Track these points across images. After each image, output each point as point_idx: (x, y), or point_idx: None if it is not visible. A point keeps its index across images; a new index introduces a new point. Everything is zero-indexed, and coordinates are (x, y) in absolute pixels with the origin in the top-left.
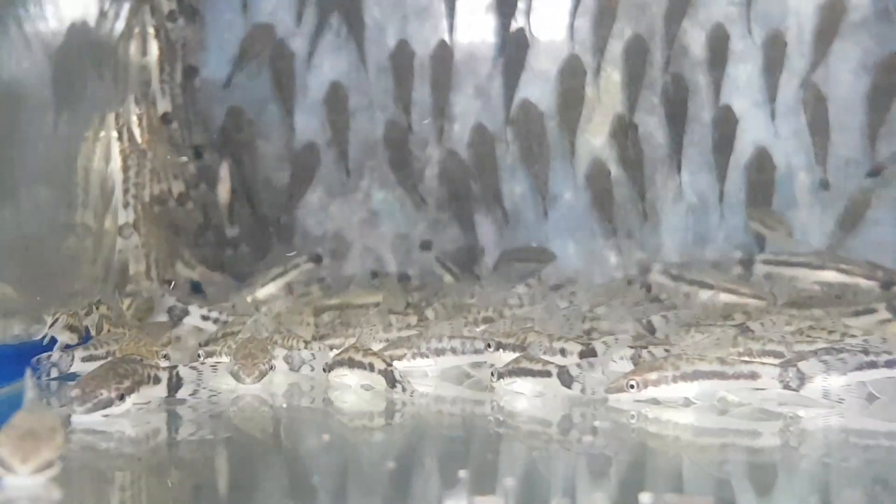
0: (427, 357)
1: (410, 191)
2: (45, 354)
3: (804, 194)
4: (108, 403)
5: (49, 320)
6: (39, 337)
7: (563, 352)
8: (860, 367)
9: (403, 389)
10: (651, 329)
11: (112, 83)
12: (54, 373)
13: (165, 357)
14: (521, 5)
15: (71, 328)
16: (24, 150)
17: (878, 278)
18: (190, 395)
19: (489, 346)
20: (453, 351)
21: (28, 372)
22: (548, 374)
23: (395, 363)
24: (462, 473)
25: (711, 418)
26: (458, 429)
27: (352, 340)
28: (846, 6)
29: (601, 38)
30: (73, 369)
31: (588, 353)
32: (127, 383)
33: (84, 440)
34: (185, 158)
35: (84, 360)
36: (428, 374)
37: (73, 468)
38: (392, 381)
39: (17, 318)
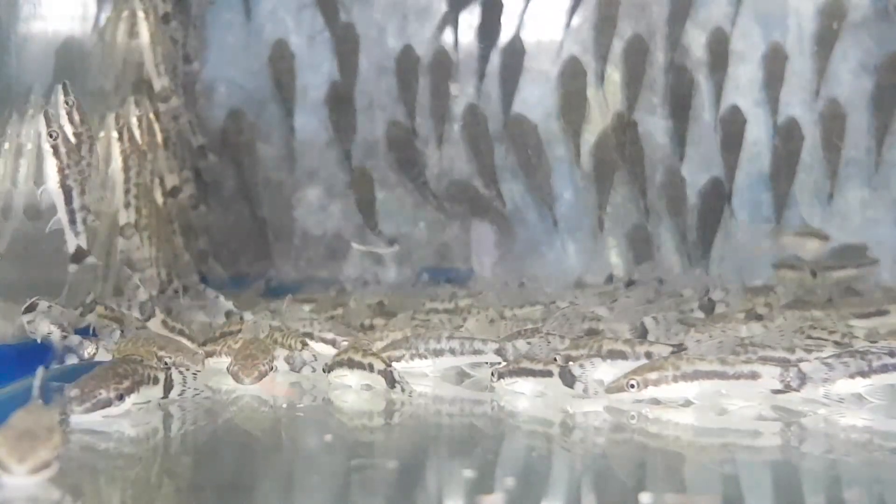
0: (426, 358)
1: (421, 188)
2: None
3: (804, 194)
4: (107, 403)
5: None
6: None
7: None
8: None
9: (403, 390)
10: (644, 331)
11: (112, 83)
12: (71, 359)
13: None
14: (517, 9)
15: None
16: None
17: None
18: (178, 395)
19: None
20: (452, 352)
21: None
22: (549, 373)
23: (394, 364)
24: (462, 473)
25: (711, 418)
26: (458, 428)
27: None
28: (845, 9)
29: (603, 45)
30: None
31: None
32: (126, 384)
33: (83, 440)
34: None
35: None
36: (428, 375)
37: (71, 468)
38: (392, 382)
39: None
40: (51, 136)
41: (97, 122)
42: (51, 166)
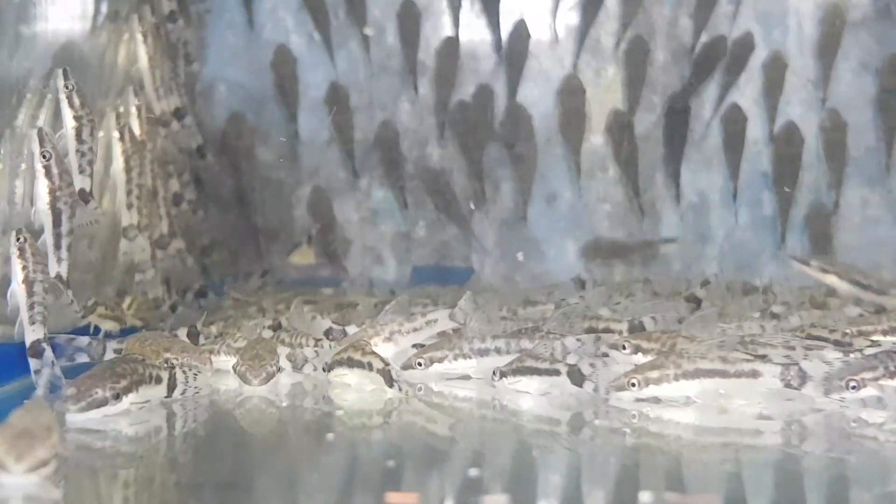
0: (470, 358)
1: (397, 192)
2: (66, 337)
3: (804, 193)
4: (103, 403)
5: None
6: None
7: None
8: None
9: (400, 389)
10: (642, 329)
11: (112, 83)
12: (81, 357)
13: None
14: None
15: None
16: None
17: None
18: (181, 394)
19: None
20: (498, 351)
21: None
22: (556, 372)
23: (436, 365)
24: (461, 472)
25: (712, 417)
26: (458, 427)
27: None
28: (846, 9)
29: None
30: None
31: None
32: (124, 383)
33: (80, 439)
34: None
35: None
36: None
37: (68, 467)
38: (390, 381)
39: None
40: (43, 156)
41: (98, 123)
42: (42, 187)
